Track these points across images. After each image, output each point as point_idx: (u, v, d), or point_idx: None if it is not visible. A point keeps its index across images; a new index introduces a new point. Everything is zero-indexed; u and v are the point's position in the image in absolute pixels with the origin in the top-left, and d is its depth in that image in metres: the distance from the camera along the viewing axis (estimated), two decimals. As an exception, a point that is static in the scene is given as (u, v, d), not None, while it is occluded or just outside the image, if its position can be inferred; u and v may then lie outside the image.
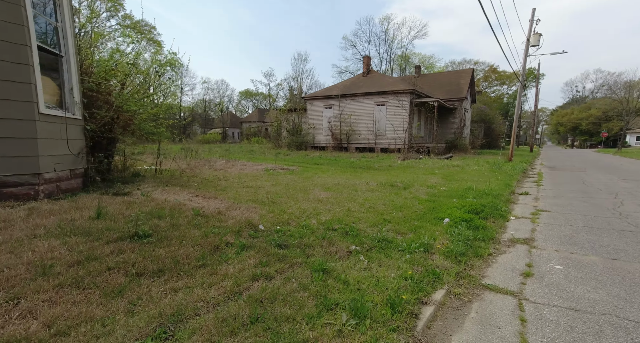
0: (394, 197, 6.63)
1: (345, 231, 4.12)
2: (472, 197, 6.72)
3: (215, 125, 65.74)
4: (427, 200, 6.29)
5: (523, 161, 17.92)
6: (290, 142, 26.67)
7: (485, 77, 67.87)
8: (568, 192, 8.15)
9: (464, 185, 8.30)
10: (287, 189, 7.17)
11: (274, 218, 4.51)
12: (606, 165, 17.20)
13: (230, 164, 12.23)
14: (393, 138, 22.38)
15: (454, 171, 12.08)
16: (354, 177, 9.92)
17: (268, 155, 20.57)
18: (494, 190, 7.62)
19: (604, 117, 60.02)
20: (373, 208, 5.51)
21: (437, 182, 8.96)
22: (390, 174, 10.95)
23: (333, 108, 25.11)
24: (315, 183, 8.21)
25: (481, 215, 5.32)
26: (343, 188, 7.50)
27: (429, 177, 10.13)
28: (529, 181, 10.61)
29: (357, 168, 13.46)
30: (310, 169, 12.22)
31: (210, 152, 20.20)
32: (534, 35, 15.38)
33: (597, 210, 6.07)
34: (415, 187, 8.01)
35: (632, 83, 57.58)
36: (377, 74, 26.59)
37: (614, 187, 8.89)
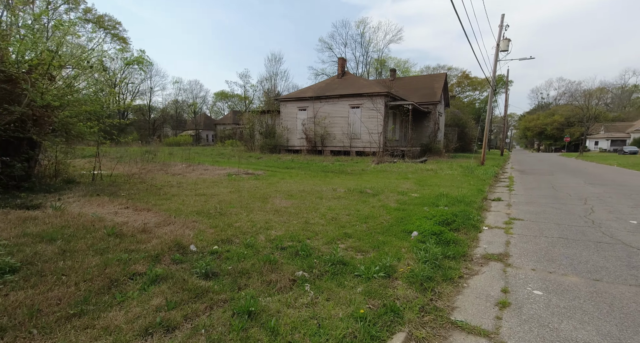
0: (361, 205, 6.07)
1: (296, 250, 3.47)
2: (444, 205, 6.29)
3: (188, 127, 63.36)
4: (396, 209, 5.77)
5: (495, 165, 18.11)
6: (263, 145, 25.77)
7: (458, 82, 70.01)
8: (540, 198, 7.96)
9: (436, 191, 7.92)
10: (245, 197, 6.44)
11: (214, 235, 3.79)
12: (572, 168, 17.70)
13: (191, 168, 11.29)
14: (368, 141, 22.08)
15: (428, 176, 11.80)
16: (322, 182, 9.33)
17: (238, 158, 19.62)
18: (466, 196, 7.26)
19: (566, 123, 63.49)
20: (335, 220, 4.91)
21: (409, 188, 8.54)
22: (362, 179, 10.45)
23: (307, 110, 24.52)
24: (278, 190, 7.53)
25: (452, 226, 4.85)
26: (307, 196, 6.86)
27: (402, 182, 9.72)
28: (501, 186, 10.46)
29: (329, 172, 12.90)
30: (278, 173, 11.51)
31: (175, 155, 18.97)
32: (503, 40, 15.59)
33: (570, 218, 5.79)
34: (385, 193, 7.51)
35: (590, 91, 61.41)
36: (352, 76, 26.33)
37: (582, 192, 8.84)
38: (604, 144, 59.85)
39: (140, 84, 53.69)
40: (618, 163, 22.44)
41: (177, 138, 41.04)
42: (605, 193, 8.54)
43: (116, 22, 39.41)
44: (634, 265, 3.50)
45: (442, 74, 28.70)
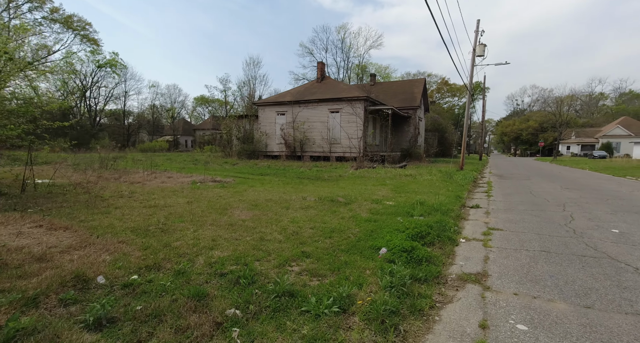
0: (330, 216, 5.51)
1: (238, 277, 2.85)
2: (419, 214, 5.83)
3: (166, 132, 61.33)
4: (367, 221, 5.25)
5: (473, 169, 18.09)
6: (241, 150, 24.93)
7: (438, 88, 71.55)
8: (518, 204, 7.67)
9: (413, 198, 7.48)
10: (201, 209, 5.75)
11: (140, 260, 3.11)
12: (547, 173, 17.91)
13: (153, 175, 10.43)
14: (348, 146, 21.71)
15: (406, 181, 11.42)
16: (294, 190, 8.73)
17: (212, 164, 18.75)
18: (444, 204, 6.85)
19: (540, 128, 65.88)
20: (296, 235, 4.32)
21: (385, 195, 8.07)
22: (337, 186, 9.93)
23: (286, 115, 23.95)
24: (243, 200, 6.87)
25: (427, 240, 4.36)
26: (273, 206, 6.24)
27: (378, 189, 9.27)
28: (480, 191, 10.20)
29: (305, 179, 12.32)
30: (249, 180, 10.82)
31: (143, 162, 17.87)
32: (479, 45, 15.67)
33: (550, 226, 5.45)
34: (359, 202, 7.00)
35: (561, 98, 64.13)
36: (331, 81, 26.03)
37: (559, 197, 8.66)
38: (575, 148, 62.40)
39: (114, 88, 51.49)
40: (590, 167, 23.07)
41: (152, 144, 39.41)
42: (582, 199, 8.37)
43: (86, 23, 37.70)
44: (625, 286, 3.09)
45: (421, 79, 28.91)
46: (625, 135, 54.45)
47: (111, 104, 53.21)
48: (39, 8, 34.61)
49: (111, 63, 45.37)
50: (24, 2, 34.14)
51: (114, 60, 45.77)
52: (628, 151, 51.77)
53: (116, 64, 46.28)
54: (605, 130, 58.13)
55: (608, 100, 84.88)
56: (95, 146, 37.89)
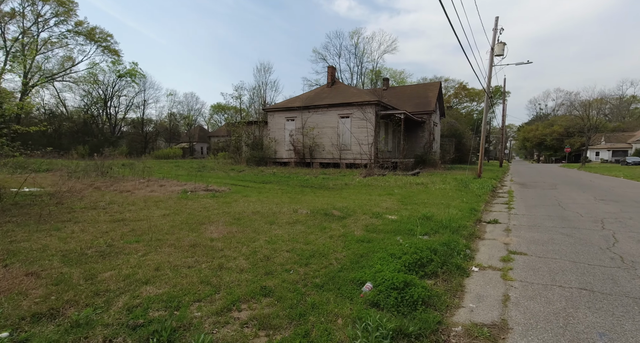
0: (316, 234, 4.70)
1: (152, 333, 2.09)
2: (424, 233, 4.92)
3: (183, 139, 62.43)
4: (359, 241, 4.39)
5: (492, 177, 16.77)
6: (250, 157, 24.51)
7: (455, 93, 69.54)
8: (545, 219, 6.57)
9: (420, 211, 6.54)
10: (172, 224, 5.08)
11: (37, 302, 2.41)
12: (576, 181, 16.34)
13: (146, 183, 9.95)
14: (358, 153, 20.83)
15: (416, 191, 10.43)
16: (291, 200, 7.97)
17: (218, 171, 18.33)
18: (455, 219, 5.89)
19: (565, 133, 62.45)
20: (265, 261, 3.53)
21: (390, 207, 7.17)
22: (340, 196, 9.10)
23: (295, 120, 23.39)
24: (227, 212, 6.17)
25: (428, 270, 3.47)
26: (257, 221, 5.50)
27: (383, 200, 8.36)
28: (499, 203, 9.08)
29: (308, 187, 11.56)
30: (247, 189, 10.16)
31: (149, 169, 17.66)
32: (498, 44, 14.55)
33: (588, 251, 4.40)
34: (356, 215, 6.14)
35: (589, 101, 60.66)
36: (341, 85, 25.33)
37: (595, 211, 7.45)
38: (605, 154, 58.65)
39: (134, 97, 52.91)
40: (624, 174, 21.10)
41: (166, 151, 39.87)
42: (623, 213, 7.15)
43: (107, 35, 38.93)
44: None
45: (437, 83, 27.74)
46: (662, 139, 50.64)
47: (131, 113, 54.73)
48: (64, 22, 36.07)
49: (131, 73, 46.68)
50: (51, 16, 35.69)
51: (133, 70, 47.07)
52: (666, 157, 47.99)
53: (136, 73, 47.58)
54: (639, 135, 54.35)
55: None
56: (113, 153, 38.94)
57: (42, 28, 36.40)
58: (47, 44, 37.24)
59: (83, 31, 37.32)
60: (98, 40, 38.02)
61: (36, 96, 44.71)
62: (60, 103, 46.93)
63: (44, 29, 36.66)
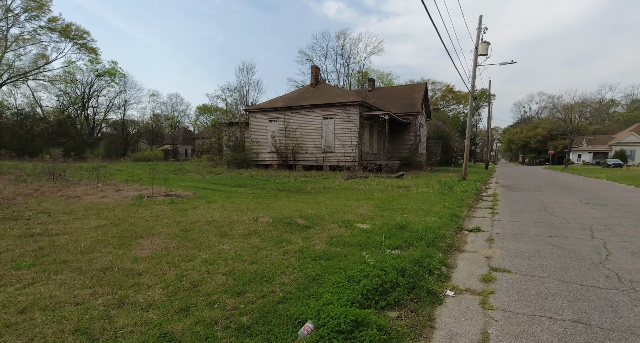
0: (270, 250, 4.00)
1: None
2: (395, 246, 4.28)
3: (166, 141, 60.72)
4: (317, 258, 3.72)
5: (478, 179, 16.41)
6: (231, 159, 23.62)
7: (442, 96, 70.06)
8: (531, 226, 6.05)
9: (396, 219, 5.93)
10: (98, 239, 4.30)
11: None
12: (560, 183, 16.13)
13: (102, 188, 9.05)
14: (342, 155, 20.23)
15: (397, 195, 9.85)
16: (257, 207, 7.25)
17: (194, 174, 17.40)
18: (433, 227, 5.29)
19: (549, 135, 63.52)
20: (189, 290, 2.82)
21: (364, 214, 6.53)
22: (314, 201, 8.43)
23: (278, 121, 22.66)
24: (178, 222, 5.41)
25: (392, 298, 2.82)
26: (207, 232, 4.76)
27: (360, 205, 7.73)
28: (483, 207, 8.57)
29: (283, 191, 10.85)
30: (214, 195, 9.37)
31: (122, 172, 16.61)
32: (482, 43, 14.21)
33: (579, 267, 3.84)
34: (324, 224, 5.47)
35: (571, 105, 61.93)
36: (326, 85, 24.75)
37: (582, 216, 7.00)
38: (587, 156, 59.92)
39: (114, 97, 51.03)
40: (607, 176, 21.17)
41: (146, 153, 38.48)
42: (612, 219, 6.71)
43: (84, 32, 37.33)
44: None
45: (422, 84, 27.48)
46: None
47: (111, 114, 52.81)
48: (36, 17, 34.38)
49: (110, 72, 45.03)
50: (21, 11, 33.97)
51: (113, 69, 45.45)
52: (644, 159, 49.26)
53: (115, 72, 45.95)
54: (619, 137, 55.75)
55: (619, 107, 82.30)
56: (89, 155, 37.19)
57: (11, 23, 34.59)
58: (19, 40, 35.45)
59: (57, 28, 35.68)
60: (74, 37, 36.42)
61: (8, 95, 42.65)
62: (35, 103, 44.88)
63: (14, 25, 34.86)
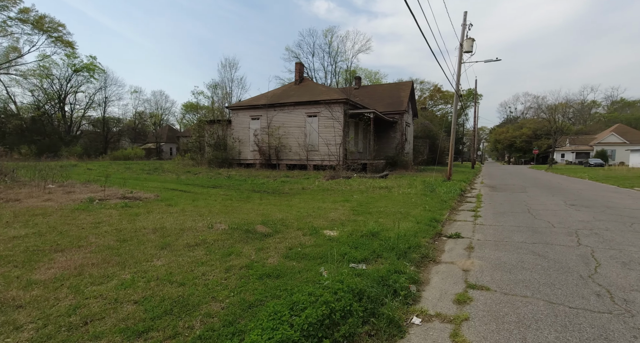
0: (211, 265, 3.40)
1: None
2: (362, 259, 3.74)
3: (150, 140, 58.99)
4: (265, 276, 3.14)
5: (463, 179, 16.11)
6: (212, 158, 22.79)
7: (430, 95, 70.42)
8: (514, 231, 5.61)
9: (370, 224, 5.41)
10: (12, 252, 3.61)
11: None
12: (545, 183, 15.98)
13: (50, 190, 8.22)
14: (327, 154, 19.68)
15: (377, 196, 9.35)
16: (221, 211, 6.61)
17: (169, 174, 16.55)
18: (408, 234, 4.78)
19: (534, 135, 64.57)
20: (77, 330, 2.19)
21: (336, 219, 5.98)
22: (287, 204, 7.84)
23: (261, 119, 21.94)
24: (119, 230, 4.74)
25: (341, 333, 2.26)
26: (146, 243, 4.11)
27: (335, 208, 7.18)
28: (465, 209, 8.15)
29: (259, 192, 10.22)
30: (180, 197, 8.67)
31: (92, 172, 15.64)
32: (466, 40, 13.88)
33: (566, 283, 3.37)
34: (287, 231, 4.90)
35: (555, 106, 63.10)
36: (310, 83, 24.15)
37: (567, 219, 6.62)
38: (570, 156, 61.10)
39: (94, 94, 49.08)
40: (589, 176, 21.26)
41: (126, 151, 37.09)
42: (597, 222, 6.34)
43: (59, 24, 35.62)
44: None
45: (409, 82, 27.16)
46: (620, 142, 53.30)
47: (92, 111, 50.80)
48: (5, 8, 32.57)
49: (89, 67, 43.25)
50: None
51: (92, 64, 43.67)
52: (623, 159, 50.43)
53: (94, 68, 44.17)
54: (600, 138, 56.98)
55: (600, 107, 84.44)
56: (64, 154, 35.56)
57: (-23, 14, 32.68)
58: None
59: (30, 19, 33.93)
60: (47, 30, 34.71)
61: (-23, 90, 40.44)
62: (9, 99, 42.71)
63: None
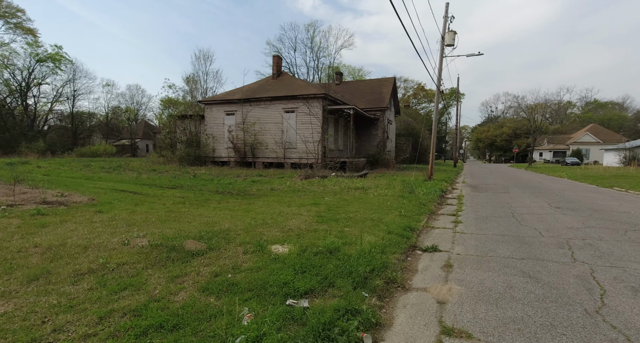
0: (85, 311, 2.39)
1: None
2: (306, 290, 2.82)
3: (124, 136, 56.21)
4: (148, 330, 2.16)
5: (444, 179, 15.54)
6: (184, 155, 21.39)
7: (414, 94, 70.54)
8: (499, 242, 4.85)
9: (332, 235, 4.52)
10: None
11: None
12: (526, 183, 15.62)
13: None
14: (305, 151, 18.72)
15: (350, 198, 8.49)
16: (162, 218, 5.56)
17: (130, 173, 15.15)
18: (375, 251, 3.91)
19: (514, 135, 65.79)
20: None
21: (294, 228, 5.05)
22: (246, 209, 6.85)
23: (236, 115, 20.72)
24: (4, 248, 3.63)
25: None
26: (15, 268, 3.05)
27: (299, 213, 6.26)
28: (445, 213, 7.39)
29: (223, 194, 9.19)
30: (125, 199, 7.51)
31: (40, 170, 14.06)
32: (448, 32, 13.22)
33: (571, 324, 2.57)
34: (226, 248, 3.92)
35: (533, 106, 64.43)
36: (288, 77, 23.06)
37: (555, 226, 5.95)
38: (548, 155, 62.59)
39: (62, 87, 46.01)
40: (568, 175, 21.24)
41: (94, 148, 34.81)
42: (589, 230, 5.69)
43: (17, 9, 32.96)
44: None
45: (391, 78, 26.51)
46: (594, 142, 54.93)
47: (60, 105, 47.65)
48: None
49: (54, 57, 40.41)
50: None
51: (57, 54, 40.83)
52: (597, 158, 51.97)
53: (60, 58, 41.33)
54: (575, 137, 58.58)
55: (575, 108, 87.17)
56: (24, 150, 32.98)
57: None
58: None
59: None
60: (4, 15, 32.06)
61: None
62: (-35, 90, 39.34)
63: None
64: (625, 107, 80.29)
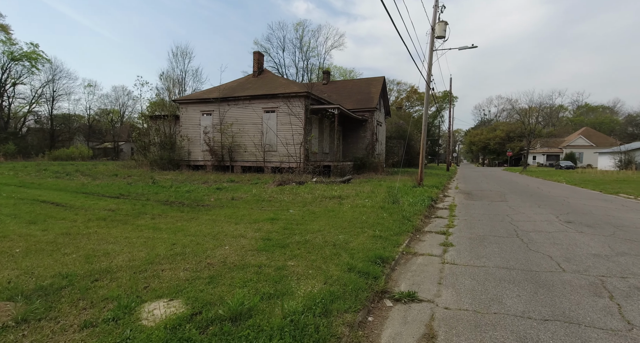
0: None
1: None
2: None
3: (108, 138, 54.16)
4: None
5: (436, 184, 14.14)
6: (156, 159, 19.75)
7: (407, 97, 69.60)
8: (504, 286, 3.41)
9: (263, 276, 3.01)
10: None
11: None
12: (523, 188, 14.31)
13: None
14: (286, 154, 17.21)
15: (320, 211, 6.99)
16: (49, 242, 4.01)
17: (84, 178, 13.47)
18: (316, 307, 2.44)
19: (507, 138, 65.13)
20: None
21: (218, 262, 3.55)
22: (179, 227, 5.32)
23: (213, 115, 19.17)
24: None
25: None
26: None
27: (242, 235, 4.75)
28: (433, 232, 5.94)
29: (167, 205, 7.63)
30: (33, 213, 5.92)
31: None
32: (439, 23, 11.93)
33: None
34: (62, 313, 2.39)
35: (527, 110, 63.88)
36: (269, 75, 21.60)
37: (577, 254, 4.54)
38: (541, 158, 61.93)
39: (42, 87, 43.96)
40: (566, 180, 20.04)
41: (68, 151, 32.91)
42: (623, 258, 4.28)
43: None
44: None
45: (380, 78, 25.20)
46: (587, 145, 54.36)
47: (38, 106, 45.50)
48: None
49: (29, 56, 38.53)
50: None
51: (33, 53, 38.96)
52: (591, 161, 51.29)
53: (37, 57, 39.45)
54: (568, 141, 58.00)
55: (567, 112, 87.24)
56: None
57: None
58: None
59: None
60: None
61: None
62: None
63: None
64: (615, 110, 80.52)
